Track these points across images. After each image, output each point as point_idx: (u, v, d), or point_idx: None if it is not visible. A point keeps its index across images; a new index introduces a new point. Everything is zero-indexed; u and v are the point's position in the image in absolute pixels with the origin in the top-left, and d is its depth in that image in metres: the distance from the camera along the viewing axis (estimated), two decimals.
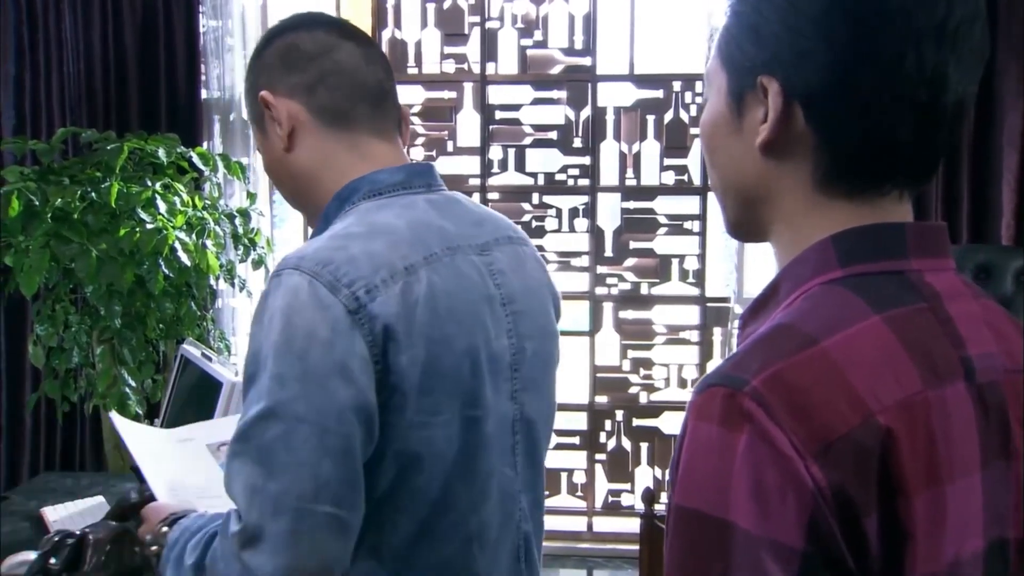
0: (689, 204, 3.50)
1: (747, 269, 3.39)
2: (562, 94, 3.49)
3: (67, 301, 2.87)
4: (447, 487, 0.95)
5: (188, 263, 2.73)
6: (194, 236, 2.83)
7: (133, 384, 2.92)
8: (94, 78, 3.37)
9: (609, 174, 3.51)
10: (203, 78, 3.41)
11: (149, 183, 2.83)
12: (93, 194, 2.72)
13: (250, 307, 3.47)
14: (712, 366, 3.59)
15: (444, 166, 3.53)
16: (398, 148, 1.04)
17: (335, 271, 0.90)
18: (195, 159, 2.94)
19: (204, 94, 3.43)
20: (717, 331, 3.53)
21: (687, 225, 3.48)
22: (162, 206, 2.75)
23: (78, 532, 1.05)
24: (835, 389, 0.60)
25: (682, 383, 3.56)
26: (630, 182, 3.48)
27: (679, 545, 0.61)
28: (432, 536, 0.96)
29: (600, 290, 3.53)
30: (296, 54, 1.02)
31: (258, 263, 3.08)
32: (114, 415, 1.47)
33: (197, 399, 1.92)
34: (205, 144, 3.44)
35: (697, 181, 3.50)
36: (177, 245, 2.72)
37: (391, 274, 0.92)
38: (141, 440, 1.31)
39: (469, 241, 1.00)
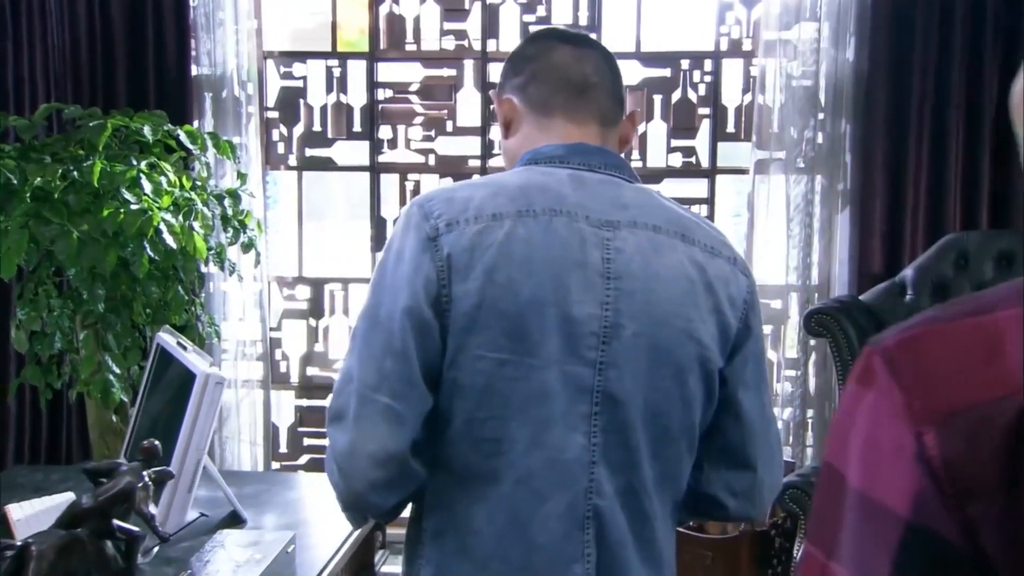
0: (697, 187, 3.41)
1: (756, 255, 3.31)
2: None
3: (50, 284, 2.79)
4: (500, 423, 1.06)
5: (174, 246, 2.62)
6: (181, 218, 2.72)
7: (117, 371, 2.82)
8: (79, 52, 3.27)
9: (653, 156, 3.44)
10: (193, 54, 3.30)
11: (135, 162, 2.73)
12: (75, 173, 2.62)
13: (240, 292, 3.39)
14: None
15: (443, 146, 3.48)
16: (588, 132, 1.18)
17: (431, 206, 1.09)
18: (183, 137, 2.84)
19: (194, 70, 3.33)
20: None
21: (694, 209, 3.29)
22: (147, 186, 2.63)
23: (20, 542, 0.94)
24: (981, 358, 0.55)
25: None
26: (635, 164, 3.38)
27: (816, 496, 0.62)
28: (488, 466, 1.08)
29: None
30: (519, 59, 1.24)
31: (248, 246, 2.97)
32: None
33: (173, 390, 1.87)
34: (195, 123, 3.35)
35: (705, 163, 3.41)
36: (163, 227, 2.61)
37: (476, 216, 1.07)
38: None
39: (590, 213, 1.10)
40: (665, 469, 1.14)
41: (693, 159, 3.39)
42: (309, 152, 3.51)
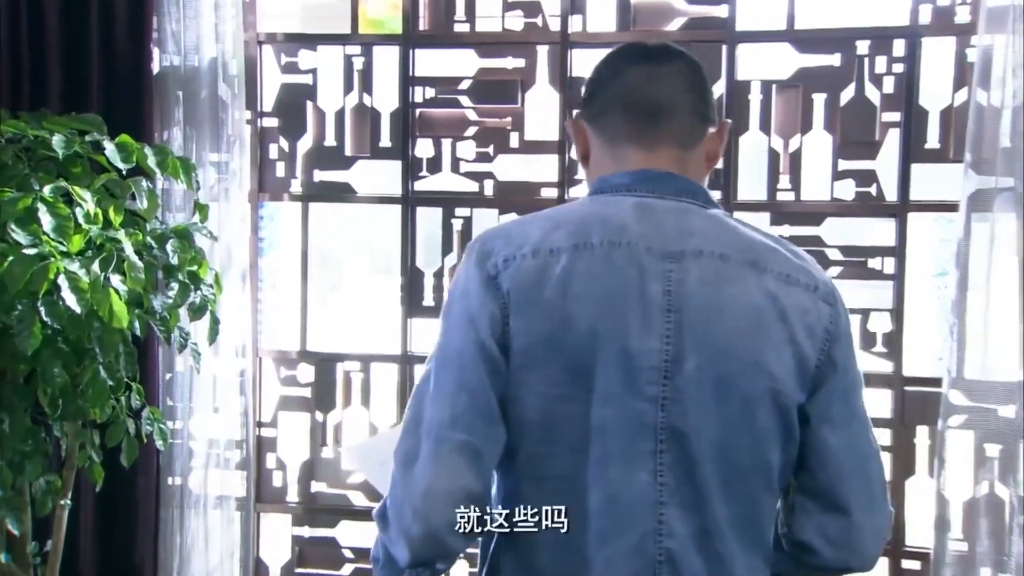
0: (878, 231, 3.10)
1: (970, 335, 2.84)
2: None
3: None
4: (560, 460, 1.25)
5: (77, 308, 2.22)
6: (97, 267, 2.31)
7: None
8: None
9: (751, 183, 3.16)
10: (154, 35, 3.04)
11: (37, 187, 2.38)
12: None
13: (215, 372, 3.10)
14: (914, 484, 3.04)
15: (505, 168, 3.25)
16: (660, 158, 1.33)
17: (491, 244, 1.30)
18: (109, 152, 2.45)
19: (158, 60, 3.07)
20: (921, 431, 3.04)
21: (874, 263, 3.08)
22: (47, 221, 2.27)
23: None
24: None
25: None
26: (784, 196, 3.11)
27: None
28: (550, 503, 1.25)
29: None
30: (593, 83, 1.39)
31: (199, 310, 2.58)
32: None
33: None
34: (158, 133, 3.05)
35: (891, 195, 3.03)
36: (63, 280, 2.23)
37: (533, 251, 1.26)
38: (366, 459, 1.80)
39: (652, 243, 1.26)
40: (741, 510, 1.27)
41: (872, 189, 3.06)
42: (319, 175, 3.29)
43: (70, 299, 2.21)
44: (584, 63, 3.11)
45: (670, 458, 1.24)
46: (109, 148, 2.45)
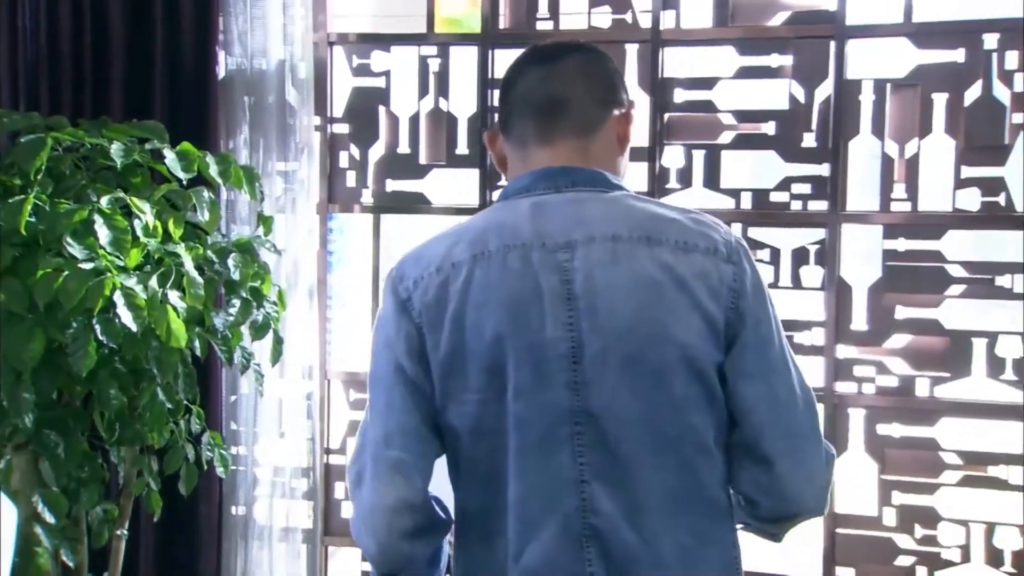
0: (1006, 245, 3.05)
1: None
2: (787, 60, 3.12)
3: None
4: (488, 460, 1.40)
5: (134, 326, 2.23)
6: (155, 282, 2.33)
7: (52, 519, 2.38)
8: (59, 40, 3.07)
9: (863, 193, 3.14)
10: (221, 38, 3.08)
11: (95, 198, 2.38)
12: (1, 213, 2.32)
13: (281, 395, 3.12)
14: None
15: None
16: (560, 153, 1.47)
17: (403, 268, 1.45)
18: (169, 161, 2.46)
19: (223, 63, 3.10)
20: None
21: (1001, 281, 3.04)
22: (104, 234, 2.29)
23: None
24: None
25: (994, 555, 3.05)
26: (899, 206, 3.07)
27: None
28: (485, 504, 1.41)
29: (844, 387, 3.14)
30: (501, 96, 1.54)
31: (261, 328, 2.59)
32: None
33: None
34: (222, 141, 3.08)
35: (1021, 206, 2.96)
36: (119, 297, 2.24)
37: (437, 269, 1.40)
38: None
39: (546, 239, 1.40)
40: (676, 477, 1.39)
41: (1000, 198, 3.02)
42: (392, 185, 3.29)
43: (126, 317, 2.22)
44: (678, 63, 3.10)
45: (588, 439, 1.37)
46: (169, 157, 2.47)
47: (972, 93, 2.94)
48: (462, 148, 3.17)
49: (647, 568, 1.37)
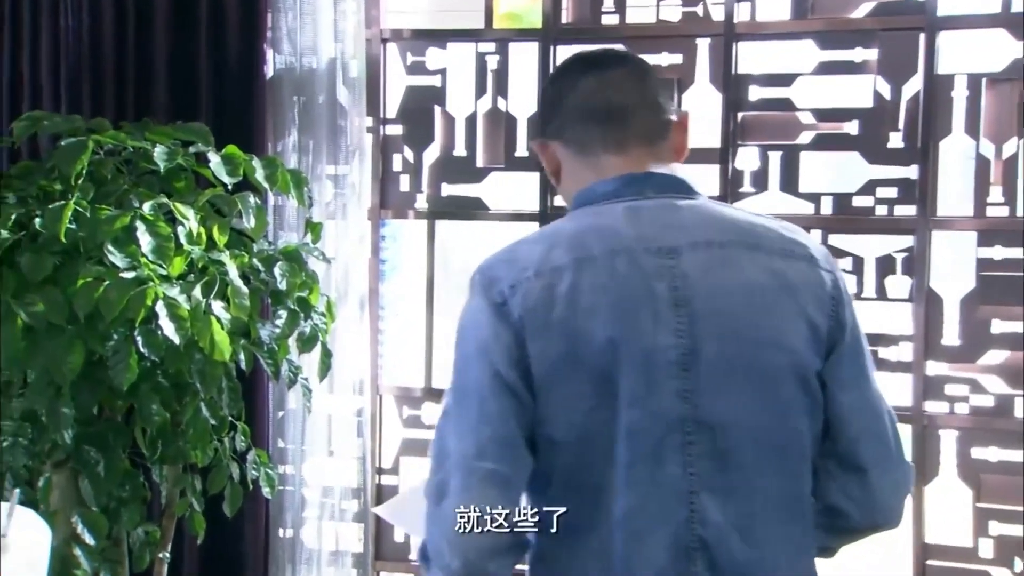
0: None
1: None
2: (871, 54, 3.09)
3: (2, 398, 2.53)
4: (592, 471, 1.41)
5: (176, 338, 2.27)
6: (198, 292, 2.36)
7: (91, 541, 2.43)
8: (101, 37, 3.12)
9: (954, 196, 3.13)
10: (269, 35, 3.11)
11: (136, 203, 2.43)
12: (38, 219, 2.37)
13: (330, 411, 3.17)
14: None
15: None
16: (633, 159, 1.53)
17: (493, 272, 1.45)
18: (214, 164, 2.49)
19: (270, 60, 3.13)
20: None
21: None
22: (146, 242, 2.32)
23: None
24: None
25: None
26: (995, 211, 3.05)
27: None
28: (585, 517, 1.42)
29: (935, 406, 3.12)
30: (547, 103, 1.62)
31: (308, 341, 2.61)
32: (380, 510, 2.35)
33: None
34: (270, 144, 3.11)
35: None
36: (161, 307, 2.28)
37: (536, 273, 1.42)
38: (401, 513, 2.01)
39: (649, 244, 1.44)
40: (784, 486, 1.45)
41: None
42: (448, 190, 3.30)
43: (168, 328, 2.25)
44: (753, 58, 3.10)
45: (699, 448, 1.40)
46: (214, 160, 2.49)
47: None
48: (521, 150, 3.18)
49: (733, 566, 1.41)
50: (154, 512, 2.81)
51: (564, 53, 3.14)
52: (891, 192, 3.06)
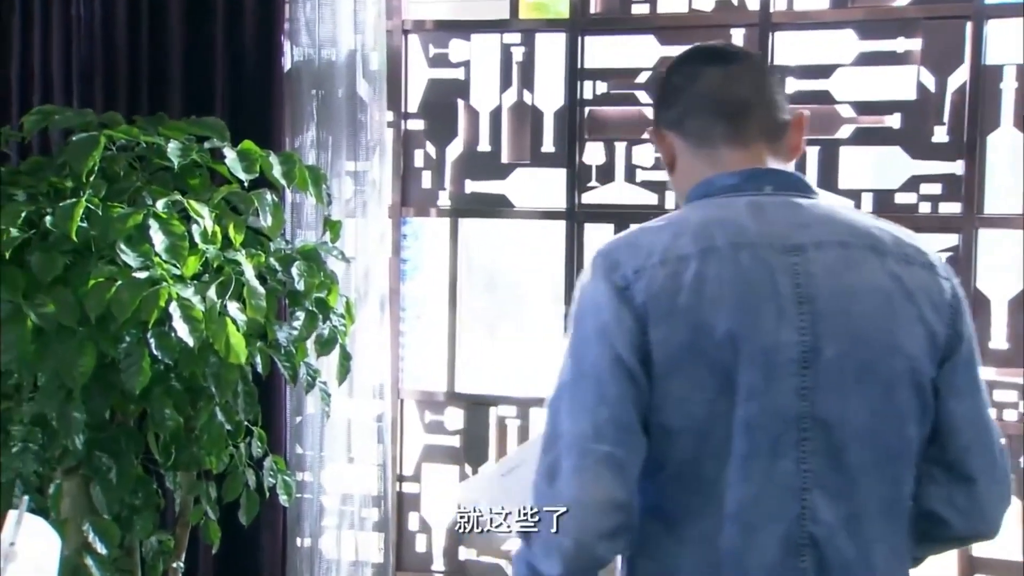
0: None
1: None
2: (914, 44, 3.08)
3: (10, 402, 2.55)
4: (705, 462, 1.44)
5: (190, 341, 2.27)
6: (213, 292, 2.36)
7: (103, 550, 2.43)
8: (114, 31, 3.14)
9: (1003, 192, 3.13)
10: (286, 27, 3.12)
11: (150, 201, 2.44)
12: (49, 217, 2.37)
13: (348, 415, 3.15)
14: None
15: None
16: (754, 155, 1.58)
17: (616, 256, 1.49)
18: (229, 160, 2.49)
19: (288, 53, 3.15)
20: None
21: None
22: (160, 241, 2.33)
23: None
24: None
25: None
26: None
27: None
28: (695, 507, 1.46)
29: None
30: (668, 91, 1.64)
31: (327, 343, 2.61)
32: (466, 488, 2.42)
33: None
34: (288, 138, 3.12)
35: None
36: (175, 308, 2.27)
37: (661, 260, 1.46)
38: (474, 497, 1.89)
39: (773, 240, 1.48)
40: (888, 491, 1.50)
41: None
42: (471, 186, 3.31)
43: (182, 330, 2.25)
44: (790, 48, 3.09)
45: (813, 446, 1.45)
46: (230, 156, 2.50)
47: None
48: (548, 146, 3.18)
49: (840, 565, 1.46)
50: (168, 520, 2.82)
51: (592, 44, 3.17)
52: (935, 189, 3.05)
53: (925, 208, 3.02)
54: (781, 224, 1.50)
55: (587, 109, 3.18)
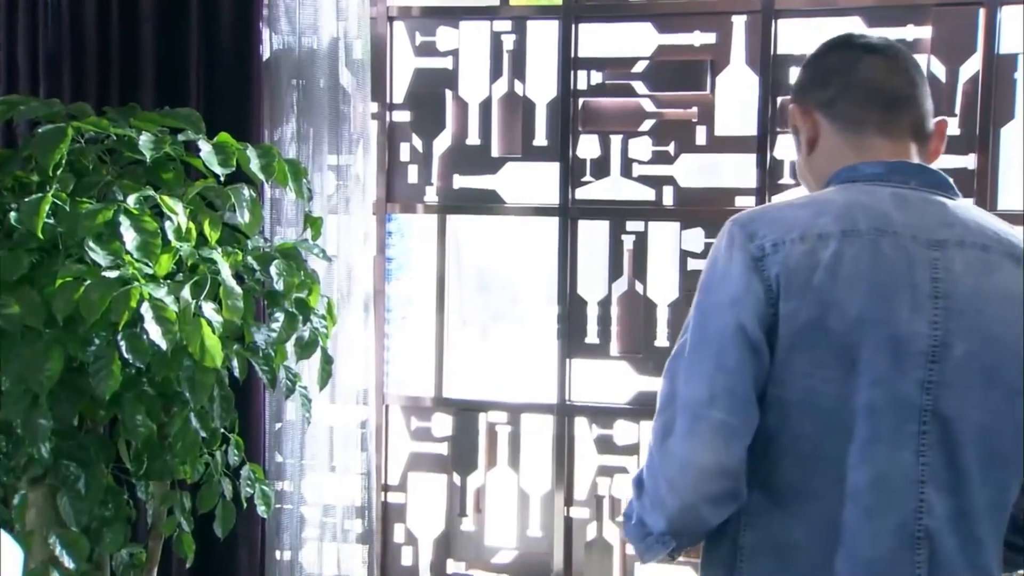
0: None
1: None
2: (924, 32, 3.09)
3: None
4: (824, 439, 1.52)
5: (163, 344, 2.26)
6: (187, 293, 2.35)
7: (71, 564, 2.43)
8: (84, 18, 3.13)
9: (1017, 189, 3.11)
10: (264, 13, 3.13)
11: (121, 196, 2.43)
12: (14, 214, 2.36)
13: (330, 421, 3.16)
14: None
15: (690, 172, 3.27)
16: (901, 148, 1.66)
17: (755, 226, 1.56)
18: (204, 153, 2.48)
19: (267, 41, 3.15)
20: None
21: None
22: (131, 238, 2.32)
23: None
24: None
25: None
26: None
27: None
28: (810, 482, 1.53)
29: None
30: (823, 69, 1.71)
31: (307, 346, 2.61)
32: None
33: None
34: (267, 130, 3.13)
35: None
36: (147, 309, 2.26)
37: (801, 236, 1.53)
38: None
39: (916, 232, 1.55)
40: (994, 495, 1.56)
41: None
42: (460, 181, 3.32)
43: (155, 332, 2.24)
44: (794, 37, 3.07)
45: (932, 439, 1.51)
46: (205, 149, 2.48)
47: None
48: (540, 139, 3.18)
49: (952, 562, 1.52)
50: (139, 533, 2.81)
51: (587, 32, 3.18)
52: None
53: None
54: (924, 218, 1.56)
55: (581, 100, 3.18)
